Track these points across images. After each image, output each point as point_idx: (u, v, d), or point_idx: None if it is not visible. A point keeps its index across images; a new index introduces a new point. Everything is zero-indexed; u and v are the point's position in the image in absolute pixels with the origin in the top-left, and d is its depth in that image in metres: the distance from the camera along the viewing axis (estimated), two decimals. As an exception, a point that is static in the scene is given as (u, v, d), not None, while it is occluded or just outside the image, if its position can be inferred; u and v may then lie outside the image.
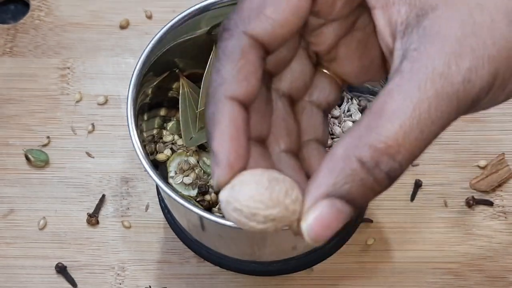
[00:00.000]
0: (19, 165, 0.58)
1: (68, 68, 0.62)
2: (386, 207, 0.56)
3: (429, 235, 0.55)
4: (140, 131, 0.46)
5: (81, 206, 0.56)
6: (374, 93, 0.49)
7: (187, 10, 0.47)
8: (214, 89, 0.30)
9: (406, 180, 0.57)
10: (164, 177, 0.51)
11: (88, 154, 0.58)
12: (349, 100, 0.52)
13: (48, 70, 0.62)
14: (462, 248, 0.55)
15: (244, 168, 0.30)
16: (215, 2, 0.47)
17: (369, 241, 0.55)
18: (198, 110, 0.49)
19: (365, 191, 0.29)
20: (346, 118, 0.51)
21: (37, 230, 0.56)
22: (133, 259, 0.55)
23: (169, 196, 0.42)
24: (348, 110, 0.51)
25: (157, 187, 0.50)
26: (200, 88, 0.49)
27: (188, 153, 0.51)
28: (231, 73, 0.30)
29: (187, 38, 0.48)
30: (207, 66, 0.48)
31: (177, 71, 0.50)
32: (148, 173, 0.43)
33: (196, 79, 0.50)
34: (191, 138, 0.49)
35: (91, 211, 0.56)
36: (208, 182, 0.49)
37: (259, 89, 0.31)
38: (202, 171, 0.50)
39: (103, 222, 0.56)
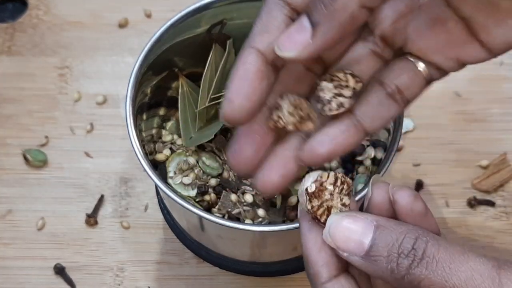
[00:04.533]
0: (17, 165, 0.58)
1: (67, 67, 0.62)
2: (387, 208, 0.56)
3: (430, 236, 0.55)
4: (139, 131, 0.45)
5: (80, 207, 0.56)
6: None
7: (186, 8, 0.47)
8: (245, 43, 0.34)
9: (408, 180, 0.57)
10: (163, 177, 0.50)
11: (87, 154, 0.58)
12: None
13: (46, 69, 0.61)
14: (463, 248, 0.54)
15: (251, 107, 0.33)
16: (215, 0, 0.47)
17: (370, 241, 0.55)
18: (198, 109, 0.49)
19: None
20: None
21: (35, 230, 0.55)
22: (132, 260, 0.55)
23: (168, 196, 0.42)
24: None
25: (156, 187, 0.50)
26: (199, 88, 0.49)
27: (187, 153, 0.50)
28: (258, 28, 0.34)
29: (186, 37, 0.48)
30: (207, 65, 0.48)
31: (176, 70, 0.50)
32: (147, 173, 0.42)
33: (195, 78, 0.50)
34: (190, 138, 0.49)
35: (89, 211, 0.56)
36: (207, 182, 0.49)
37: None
38: (202, 171, 0.49)
39: (102, 222, 0.56)
